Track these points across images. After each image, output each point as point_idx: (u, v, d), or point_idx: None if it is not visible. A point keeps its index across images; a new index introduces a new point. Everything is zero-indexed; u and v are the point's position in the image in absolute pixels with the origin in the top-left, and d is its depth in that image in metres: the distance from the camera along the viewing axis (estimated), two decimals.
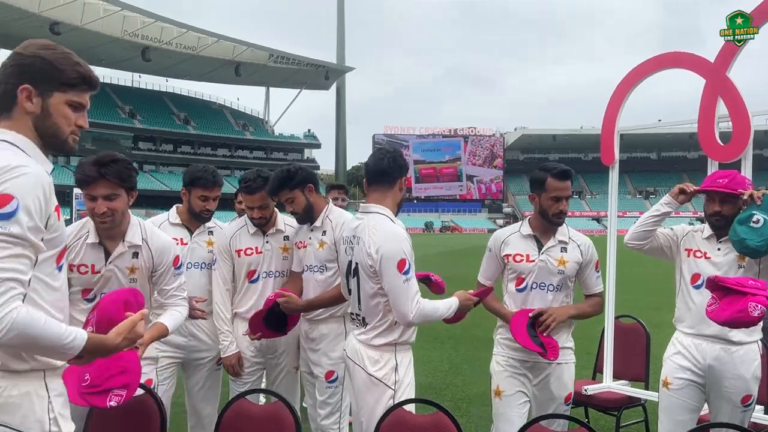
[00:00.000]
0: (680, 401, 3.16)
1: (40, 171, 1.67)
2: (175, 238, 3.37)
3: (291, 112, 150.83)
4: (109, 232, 2.70)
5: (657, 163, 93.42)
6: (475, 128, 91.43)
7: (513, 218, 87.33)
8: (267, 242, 3.59)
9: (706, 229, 3.20)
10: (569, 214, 3.25)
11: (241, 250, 3.55)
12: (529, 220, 3.34)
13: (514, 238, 3.29)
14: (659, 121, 5.37)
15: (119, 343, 1.76)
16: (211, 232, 3.65)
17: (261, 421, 2.64)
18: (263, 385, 3.83)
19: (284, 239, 3.63)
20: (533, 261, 3.21)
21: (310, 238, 3.45)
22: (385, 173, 2.89)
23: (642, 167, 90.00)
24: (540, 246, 3.23)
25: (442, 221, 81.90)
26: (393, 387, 2.76)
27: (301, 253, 3.52)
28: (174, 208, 3.65)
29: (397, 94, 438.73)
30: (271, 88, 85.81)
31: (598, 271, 3.35)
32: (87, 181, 2.58)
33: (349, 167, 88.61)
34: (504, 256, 3.28)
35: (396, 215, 2.90)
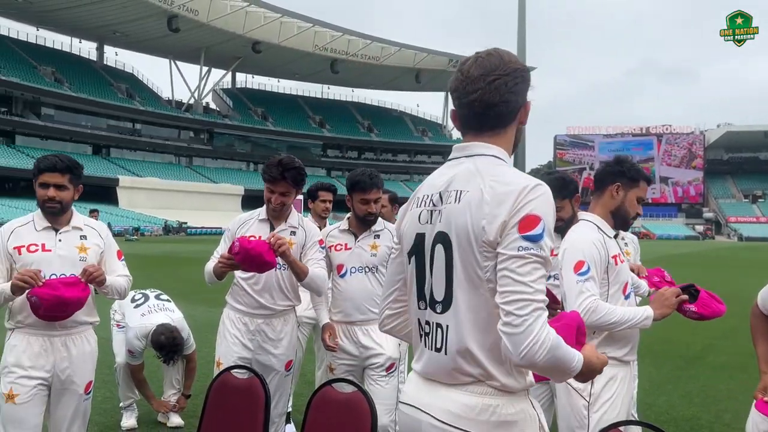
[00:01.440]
0: None
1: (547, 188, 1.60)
2: (339, 244, 3.58)
3: None
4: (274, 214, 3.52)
5: None
6: (670, 126, 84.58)
7: (715, 224, 79.14)
8: None
9: None
10: None
11: None
12: None
13: None
14: None
15: (596, 363, 1.67)
16: (377, 236, 3.59)
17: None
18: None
19: None
20: None
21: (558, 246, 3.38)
22: (597, 180, 2.80)
23: None
24: None
25: (631, 226, 76.53)
26: (587, 399, 2.64)
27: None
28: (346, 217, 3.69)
29: (582, 93, 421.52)
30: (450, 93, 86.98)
31: None
32: (272, 180, 3.38)
33: (528, 170, 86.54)
34: None
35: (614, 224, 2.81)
